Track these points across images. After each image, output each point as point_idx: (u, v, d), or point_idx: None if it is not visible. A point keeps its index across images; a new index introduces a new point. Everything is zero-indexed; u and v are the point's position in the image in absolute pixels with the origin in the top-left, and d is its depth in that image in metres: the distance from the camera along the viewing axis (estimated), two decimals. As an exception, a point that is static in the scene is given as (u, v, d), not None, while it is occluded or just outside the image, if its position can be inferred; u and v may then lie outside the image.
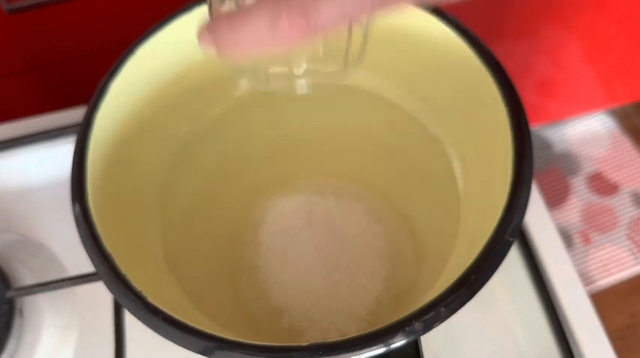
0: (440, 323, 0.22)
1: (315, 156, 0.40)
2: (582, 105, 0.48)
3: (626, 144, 0.49)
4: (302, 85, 0.27)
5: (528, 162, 0.25)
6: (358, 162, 0.39)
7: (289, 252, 0.37)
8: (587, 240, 0.45)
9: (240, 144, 0.38)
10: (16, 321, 0.35)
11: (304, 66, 0.27)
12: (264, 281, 0.36)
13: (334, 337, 0.22)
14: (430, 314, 0.22)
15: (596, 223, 0.46)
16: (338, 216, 0.38)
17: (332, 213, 0.38)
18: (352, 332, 0.22)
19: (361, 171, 0.39)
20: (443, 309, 0.22)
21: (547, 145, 0.49)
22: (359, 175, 0.40)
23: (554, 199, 0.47)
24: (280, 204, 0.39)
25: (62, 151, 0.42)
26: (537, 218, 0.39)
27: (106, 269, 0.24)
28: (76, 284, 0.34)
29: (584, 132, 0.49)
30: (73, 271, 0.37)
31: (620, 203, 0.46)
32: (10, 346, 0.34)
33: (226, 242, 0.37)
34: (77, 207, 0.26)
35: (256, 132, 0.38)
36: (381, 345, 0.22)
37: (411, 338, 0.22)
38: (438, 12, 0.29)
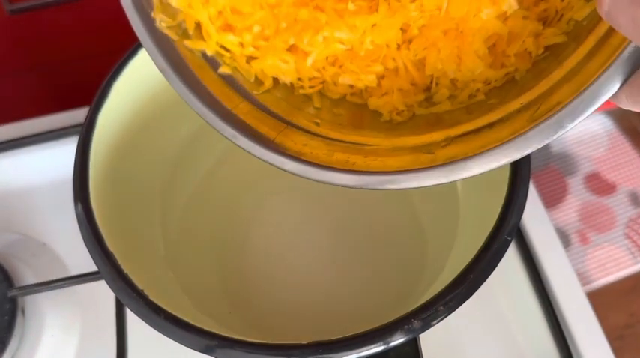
0: (438, 322, 0.23)
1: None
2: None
3: (623, 144, 0.49)
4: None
5: (526, 163, 0.26)
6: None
7: (288, 250, 0.37)
8: (584, 240, 0.45)
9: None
10: (19, 320, 0.35)
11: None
12: (264, 279, 0.36)
13: (334, 335, 0.23)
14: (429, 313, 0.23)
15: (594, 223, 0.46)
16: (339, 214, 0.38)
17: (332, 210, 0.38)
18: (352, 330, 0.23)
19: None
20: (441, 308, 0.23)
21: (544, 145, 0.49)
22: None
23: (552, 199, 0.47)
24: (281, 202, 0.39)
25: (64, 152, 0.42)
26: (535, 218, 0.39)
27: (109, 268, 0.25)
28: (77, 283, 0.35)
29: (581, 132, 0.50)
30: (75, 270, 0.38)
31: (618, 202, 0.46)
32: (13, 345, 0.34)
33: (226, 241, 0.37)
34: (79, 207, 0.26)
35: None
36: (380, 343, 0.22)
37: (410, 336, 0.22)
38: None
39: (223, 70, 0.23)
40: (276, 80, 0.24)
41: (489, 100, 0.22)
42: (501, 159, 0.19)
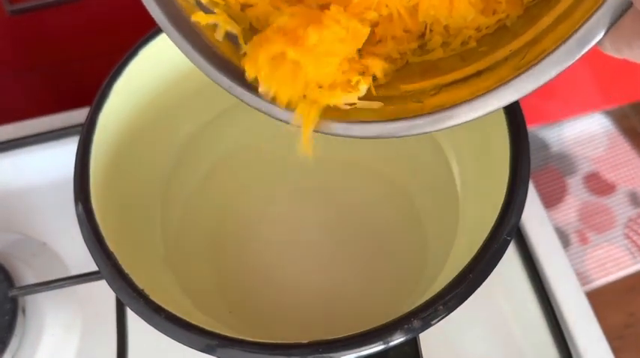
0: (438, 321, 0.23)
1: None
2: (579, 106, 0.48)
3: (623, 144, 0.49)
4: None
5: (525, 163, 0.26)
6: (357, 159, 0.39)
7: (288, 250, 0.37)
8: (584, 240, 0.45)
9: (241, 142, 0.38)
10: (19, 320, 0.35)
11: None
12: (264, 279, 0.36)
13: (333, 335, 0.23)
14: (428, 312, 0.23)
15: (593, 223, 0.46)
16: (338, 215, 0.38)
17: (332, 211, 0.38)
18: (352, 330, 0.23)
19: (359, 168, 0.40)
20: (441, 307, 0.23)
21: (544, 145, 0.49)
22: (358, 172, 0.40)
23: (551, 199, 0.47)
24: (280, 202, 0.39)
25: (64, 152, 0.42)
26: (534, 217, 0.39)
27: (109, 268, 0.25)
28: (78, 283, 0.35)
29: (581, 132, 0.50)
30: (75, 270, 0.38)
31: (617, 202, 0.47)
32: (13, 344, 0.35)
33: (225, 241, 0.38)
34: (80, 207, 0.26)
35: (256, 130, 0.38)
36: (380, 343, 0.22)
37: (410, 335, 0.22)
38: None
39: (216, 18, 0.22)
40: None
41: (481, 48, 0.22)
42: (486, 107, 0.19)
